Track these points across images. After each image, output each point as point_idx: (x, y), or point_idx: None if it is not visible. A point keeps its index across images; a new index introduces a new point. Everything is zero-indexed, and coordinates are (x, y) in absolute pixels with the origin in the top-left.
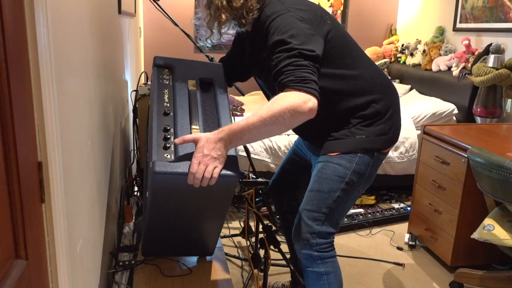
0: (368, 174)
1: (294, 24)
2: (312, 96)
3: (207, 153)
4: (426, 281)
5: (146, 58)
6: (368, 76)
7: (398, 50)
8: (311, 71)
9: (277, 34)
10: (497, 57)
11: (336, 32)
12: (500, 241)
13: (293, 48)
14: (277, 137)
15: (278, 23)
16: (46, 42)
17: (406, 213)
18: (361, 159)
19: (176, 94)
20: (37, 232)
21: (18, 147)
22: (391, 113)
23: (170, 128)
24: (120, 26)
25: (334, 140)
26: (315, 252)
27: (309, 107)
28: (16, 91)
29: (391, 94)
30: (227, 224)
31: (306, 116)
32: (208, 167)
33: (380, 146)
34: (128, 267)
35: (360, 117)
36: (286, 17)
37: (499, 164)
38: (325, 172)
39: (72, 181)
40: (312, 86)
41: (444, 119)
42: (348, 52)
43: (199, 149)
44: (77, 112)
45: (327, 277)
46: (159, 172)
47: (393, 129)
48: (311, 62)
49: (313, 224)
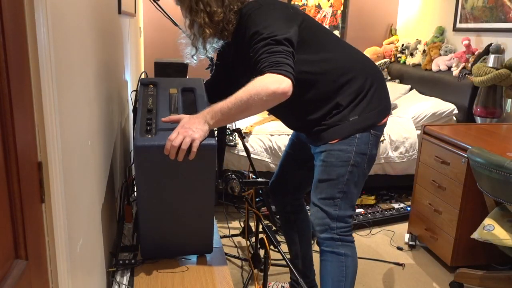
0: (369, 152)
1: (267, 15)
2: (286, 77)
3: (187, 126)
4: (426, 281)
5: (146, 58)
6: (348, 57)
7: (398, 50)
8: (284, 55)
9: (252, 28)
10: (497, 57)
11: (308, 21)
12: (500, 241)
13: (266, 37)
14: (277, 137)
15: (253, 18)
16: (46, 42)
17: (406, 213)
18: (360, 139)
19: (158, 98)
20: (37, 232)
21: (18, 147)
22: (376, 87)
23: (152, 119)
24: (120, 26)
25: (330, 129)
26: (336, 235)
27: (283, 87)
28: (16, 91)
29: (373, 73)
30: (227, 224)
31: (280, 95)
32: (186, 138)
33: (374, 120)
34: (128, 267)
35: (346, 96)
36: (260, 12)
37: (499, 164)
38: (329, 160)
39: (72, 181)
40: (285, 68)
41: (444, 119)
42: (324, 37)
43: (180, 124)
44: (77, 112)
45: (345, 259)
46: (140, 145)
47: (383, 102)
48: (284, 47)
49: (331, 210)
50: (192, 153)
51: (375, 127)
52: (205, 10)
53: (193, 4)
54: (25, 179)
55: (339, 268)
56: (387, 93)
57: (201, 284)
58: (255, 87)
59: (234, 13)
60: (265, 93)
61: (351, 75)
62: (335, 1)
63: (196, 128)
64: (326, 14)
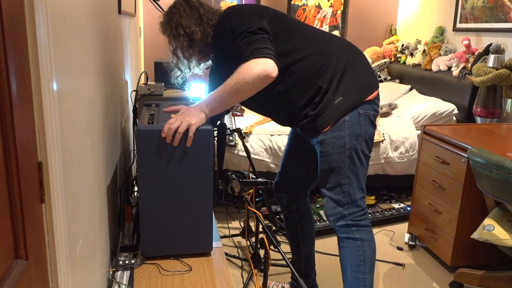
0: (364, 132)
1: (238, 15)
2: (268, 59)
3: (185, 114)
4: (426, 281)
5: (146, 58)
6: (321, 42)
7: (398, 50)
8: (262, 42)
9: (228, 28)
10: (497, 57)
11: (278, 15)
12: (500, 241)
13: (242, 31)
14: (277, 137)
15: (227, 20)
16: (46, 42)
17: (406, 213)
18: (350, 122)
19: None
20: (37, 232)
21: (18, 147)
22: (354, 65)
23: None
24: (120, 26)
25: (319, 117)
26: (350, 221)
27: (267, 68)
28: (16, 91)
29: (348, 52)
30: (227, 224)
31: (265, 76)
32: (183, 123)
33: (360, 96)
34: (128, 267)
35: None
36: (231, 14)
37: (499, 164)
38: (326, 150)
39: (72, 181)
40: (266, 51)
41: (444, 119)
42: (294, 27)
43: (179, 112)
44: (77, 112)
45: (361, 244)
46: (142, 130)
47: (365, 78)
48: (260, 35)
49: (340, 197)
50: (189, 138)
51: (363, 104)
52: (185, 33)
53: (173, 31)
54: (25, 179)
55: (356, 253)
56: (370, 69)
57: (201, 284)
58: (241, 72)
59: (211, 27)
60: (250, 76)
61: (326, 57)
62: (335, 1)
63: (193, 115)
64: (326, 14)
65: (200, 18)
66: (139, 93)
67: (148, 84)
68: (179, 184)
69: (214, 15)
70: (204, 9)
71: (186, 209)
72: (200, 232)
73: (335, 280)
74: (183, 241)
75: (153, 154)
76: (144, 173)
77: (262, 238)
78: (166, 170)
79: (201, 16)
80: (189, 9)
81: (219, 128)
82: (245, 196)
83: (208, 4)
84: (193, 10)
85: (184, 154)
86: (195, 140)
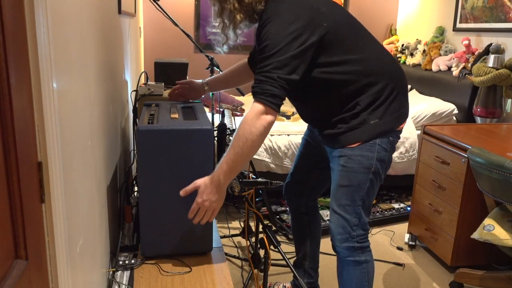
0: (387, 159)
1: (281, 35)
2: (269, 109)
3: (206, 198)
4: (426, 281)
5: (146, 58)
6: (375, 61)
7: (398, 50)
8: (278, 85)
9: (264, 41)
10: (497, 57)
11: (333, 28)
12: (500, 241)
13: (270, 61)
14: (277, 137)
15: (268, 31)
16: (46, 42)
17: (406, 213)
18: (380, 146)
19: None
20: (37, 232)
21: (18, 147)
22: (397, 93)
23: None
24: (120, 26)
25: (350, 132)
26: (356, 243)
27: (266, 122)
28: (16, 91)
29: (397, 79)
30: (227, 224)
31: (264, 130)
32: (207, 212)
33: (394, 124)
34: (128, 267)
35: (366, 97)
36: (277, 26)
37: (499, 164)
38: (350, 166)
39: (72, 181)
40: (273, 100)
41: (444, 119)
42: (353, 38)
43: (199, 195)
44: (77, 112)
45: (366, 265)
46: (142, 129)
47: (402, 107)
48: (280, 76)
49: (352, 217)
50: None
51: (394, 132)
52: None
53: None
54: (25, 179)
55: (361, 274)
56: (407, 100)
57: (201, 284)
58: (244, 136)
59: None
60: (252, 139)
61: (374, 78)
62: (335, 1)
63: (216, 198)
64: None
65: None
66: (139, 93)
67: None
68: (179, 184)
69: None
70: None
71: (186, 209)
72: (200, 232)
73: (335, 280)
74: (183, 240)
75: (153, 154)
76: (144, 173)
77: (262, 238)
78: (166, 170)
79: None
80: None
81: (219, 128)
82: (245, 196)
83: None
84: None
85: (185, 154)
86: (195, 139)
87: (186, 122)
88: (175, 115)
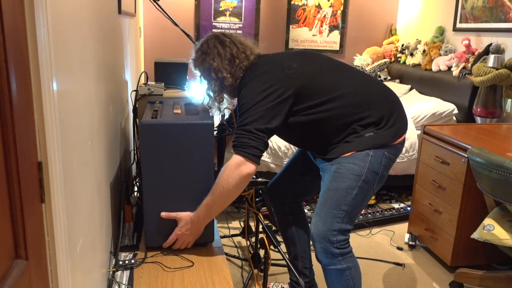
0: (381, 173)
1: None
2: (248, 161)
3: (185, 232)
4: (426, 281)
5: (146, 58)
6: (359, 93)
7: (398, 50)
8: (254, 137)
9: (241, 101)
10: (497, 57)
11: (308, 80)
12: (500, 241)
13: (246, 116)
14: (277, 137)
15: (244, 92)
16: (46, 42)
17: (406, 213)
18: (373, 158)
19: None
20: (37, 232)
21: (18, 147)
22: (389, 117)
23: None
24: (120, 26)
25: (345, 143)
26: (336, 249)
27: (245, 173)
28: (16, 91)
29: (389, 103)
30: (227, 224)
31: (244, 181)
32: (184, 243)
33: (389, 139)
34: (128, 267)
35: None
36: (251, 88)
37: (499, 164)
38: (341, 171)
39: (72, 181)
40: (250, 151)
41: (444, 119)
42: (332, 78)
43: (179, 228)
44: (77, 112)
45: (349, 272)
46: (145, 123)
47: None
48: (257, 127)
49: (333, 221)
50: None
51: (390, 147)
52: (217, 78)
53: (206, 74)
54: (25, 179)
55: (346, 281)
56: (405, 115)
57: (201, 284)
58: (223, 187)
59: (242, 70)
60: (228, 188)
61: (366, 112)
62: (335, 1)
63: (191, 232)
64: (326, 14)
65: (233, 59)
66: (139, 93)
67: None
68: (181, 175)
69: (245, 60)
70: (238, 49)
71: (188, 200)
72: None
73: None
74: None
75: (156, 147)
76: (148, 165)
77: (262, 238)
78: (169, 162)
79: (233, 58)
80: (222, 49)
81: (219, 128)
82: (245, 196)
83: (239, 40)
84: (226, 50)
85: (186, 147)
86: (196, 133)
87: (188, 117)
88: (178, 110)
